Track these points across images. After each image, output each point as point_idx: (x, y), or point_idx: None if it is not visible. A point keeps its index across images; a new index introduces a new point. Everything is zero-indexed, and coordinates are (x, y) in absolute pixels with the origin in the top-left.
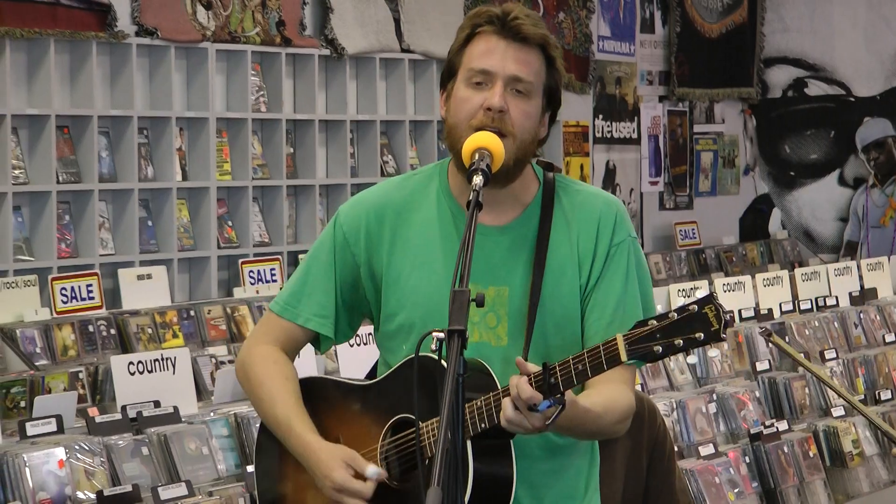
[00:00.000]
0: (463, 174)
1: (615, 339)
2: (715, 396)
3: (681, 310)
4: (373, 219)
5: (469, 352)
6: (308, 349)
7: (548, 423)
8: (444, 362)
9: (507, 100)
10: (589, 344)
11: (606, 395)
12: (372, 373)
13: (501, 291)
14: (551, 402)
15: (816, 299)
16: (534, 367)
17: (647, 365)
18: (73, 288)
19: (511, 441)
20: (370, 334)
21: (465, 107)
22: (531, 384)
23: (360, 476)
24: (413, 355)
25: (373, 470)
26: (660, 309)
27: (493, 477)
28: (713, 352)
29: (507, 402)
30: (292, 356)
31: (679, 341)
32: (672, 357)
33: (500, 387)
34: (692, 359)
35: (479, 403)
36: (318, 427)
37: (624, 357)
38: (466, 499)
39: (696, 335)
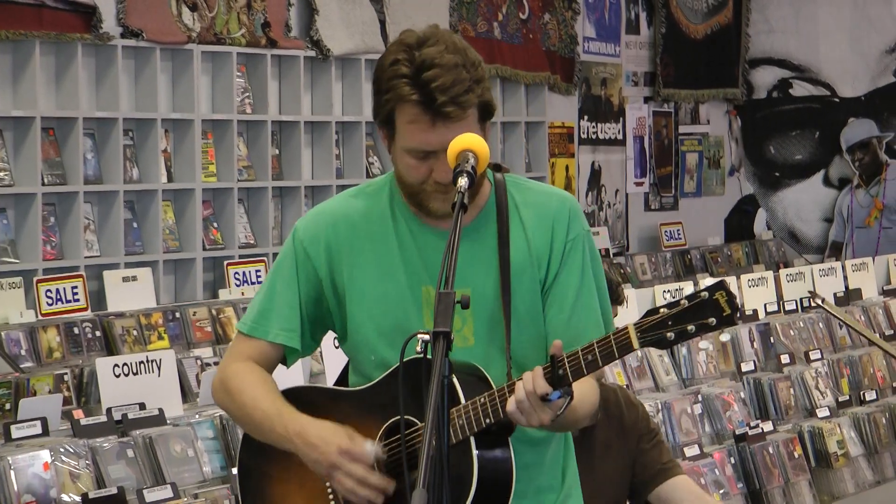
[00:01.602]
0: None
1: (626, 328)
2: (700, 397)
3: (692, 297)
4: (331, 232)
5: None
6: None
7: (558, 415)
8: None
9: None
10: (550, 338)
11: (578, 388)
12: (342, 379)
13: (464, 293)
14: (561, 394)
15: (801, 300)
16: (556, 351)
17: (633, 366)
18: (58, 290)
19: (510, 438)
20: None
21: (413, 174)
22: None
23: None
24: (409, 359)
25: (371, 447)
26: (637, 315)
27: (494, 474)
28: (699, 354)
29: (520, 393)
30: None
31: (691, 327)
32: (666, 350)
33: (492, 382)
34: (704, 343)
35: (482, 399)
36: None
37: (636, 345)
38: (471, 495)
39: (709, 320)
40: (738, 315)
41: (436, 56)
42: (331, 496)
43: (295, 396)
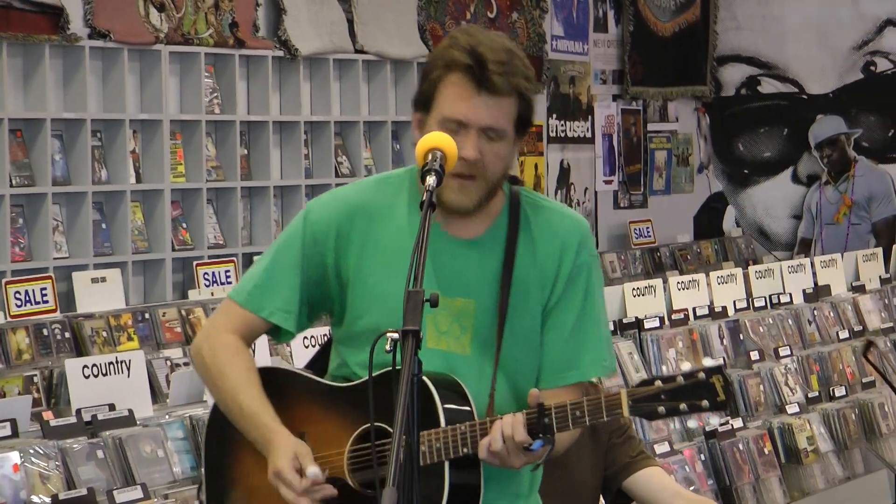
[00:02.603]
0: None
1: (619, 393)
2: None
3: (688, 375)
4: (344, 220)
5: (438, 361)
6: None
7: (538, 463)
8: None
9: (481, 145)
10: (545, 360)
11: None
12: (314, 361)
13: (468, 304)
14: (544, 442)
15: (770, 297)
16: (534, 401)
17: None
18: (27, 291)
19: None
20: (325, 335)
21: None
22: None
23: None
24: (393, 367)
25: (312, 470)
26: (607, 313)
27: (463, 487)
28: (669, 351)
29: (495, 436)
30: (250, 345)
31: (683, 405)
32: (636, 348)
33: (473, 403)
34: (692, 423)
35: (462, 428)
36: (280, 417)
37: (626, 412)
38: None
39: (702, 402)
40: (731, 402)
41: (494, 41)
42: None
43: (272, 379)
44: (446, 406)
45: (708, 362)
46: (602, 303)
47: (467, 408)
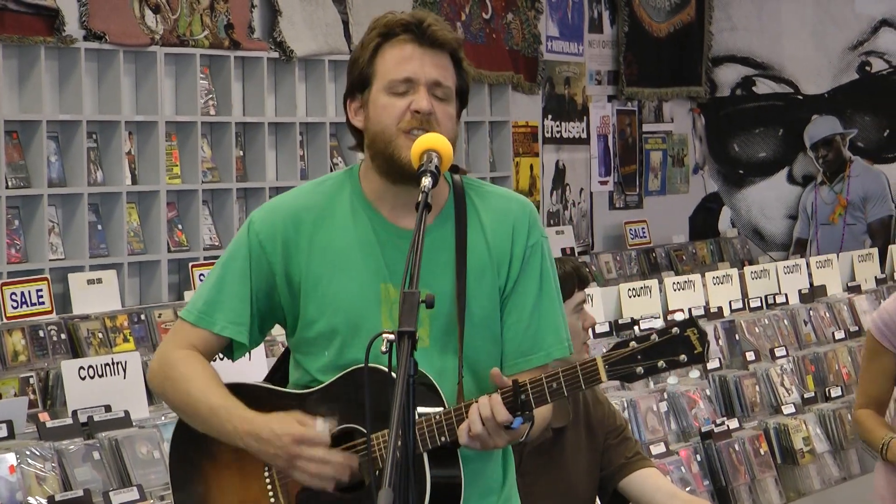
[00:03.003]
0: (384, 178)
1: (594, 360)
2: (666, 395)
3: (662, 332)
4: (290, 225)
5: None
6: None
7: (519, 441)
8: (393, 373)
9: (431, 103)
10: (508, 345)
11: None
12: (273, 374)
13: (428, 293)
14: (523, 420)
15: (766, 297)
16: (507, 381)
17: None
18: (22, 293)
19: (458, 449)
20: (283, 342)
21: (390, 112)
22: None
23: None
24: (361, 366)
25: (321, 425)
26: (602, 313)
27: (445, 483)
28: None
29: (474, 419)
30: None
31: (661, 363)
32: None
33: (443, 395)
34: (672, 380)
35: (437, 417)
36: None
37: (604, 377)
38: None
39: (680, 357)
40: (708, 352)
41: (432, 22)
42: (267, 479)
43: (239, 393)
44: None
45: (679, 316)
46: (557, 282)
47: (437, 397)
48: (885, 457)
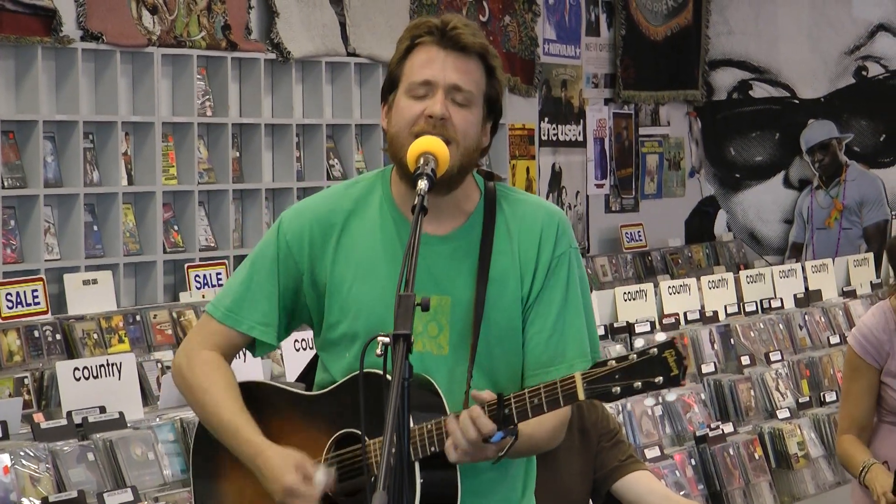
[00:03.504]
0: (406, 182)
1: (573, 377)
2: (661, 399)
3: (641, 353)
4: (316, 228)
5: (412, 361)
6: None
7: (501, 455)
8: (388, 376)
9: (449, 108)
10: (530, 356)
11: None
12: (305, 373)
13: (443, 301)
14: (504, 434)
15: (761, 301)
16: (489, 397)
17: None
18: (18, 293)
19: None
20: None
21: (406, 115)
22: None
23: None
24: (366, 370)
25: (320, 477)
26: (597, 317)
27: (439, 486)
28: None
29: (457, 434)
30: (230, 360)
31: (638, 384)
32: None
33: (446, 402)
34: (649, 401)
35: (429, 426)
36: (262, 432)
37: (581, 396)
38: None
39: (656, 379)
40: (684, 375)
41: (458, 25)
42: None
43: (252, 393)
44: (416, 405)
45: (660, 337)
46: (586, 294)
47: (439, 406)
48: (863, 481)
